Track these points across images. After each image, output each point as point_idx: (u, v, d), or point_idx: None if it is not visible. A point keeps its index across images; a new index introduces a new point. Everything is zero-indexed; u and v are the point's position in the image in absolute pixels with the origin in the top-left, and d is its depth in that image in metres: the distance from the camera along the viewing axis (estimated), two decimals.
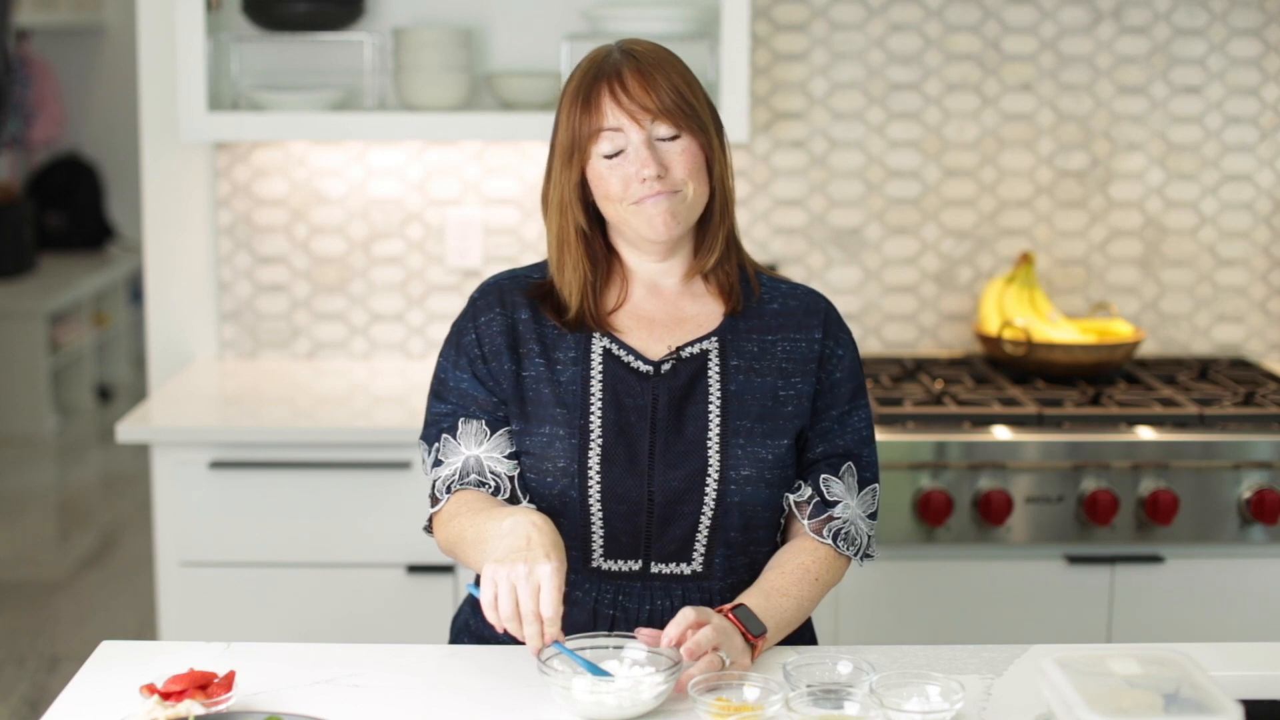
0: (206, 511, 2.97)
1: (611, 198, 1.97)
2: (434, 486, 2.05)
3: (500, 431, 2.02)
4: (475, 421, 2.02)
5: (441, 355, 2.08)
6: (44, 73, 7.23)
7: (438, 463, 2.04)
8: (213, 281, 3.46)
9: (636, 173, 1.95)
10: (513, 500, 2.00)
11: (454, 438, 2.03)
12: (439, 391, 2.07)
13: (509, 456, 2.02)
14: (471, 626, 2.11)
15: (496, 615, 1.78)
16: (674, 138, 1.96)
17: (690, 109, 1.96)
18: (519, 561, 1.76)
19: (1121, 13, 3.41)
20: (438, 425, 2.05)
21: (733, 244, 2.06)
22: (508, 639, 2.04)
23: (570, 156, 1.98)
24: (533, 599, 1.75)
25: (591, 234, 2.03)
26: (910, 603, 2.90)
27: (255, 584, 2.99)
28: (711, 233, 2.03)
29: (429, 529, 2.06)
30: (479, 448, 2.01)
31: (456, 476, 2.02)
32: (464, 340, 2.05)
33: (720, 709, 1.72)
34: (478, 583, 1.98)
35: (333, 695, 1.81)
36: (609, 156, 1.96)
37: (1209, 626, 2.88)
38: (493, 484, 2.00)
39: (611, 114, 1.95)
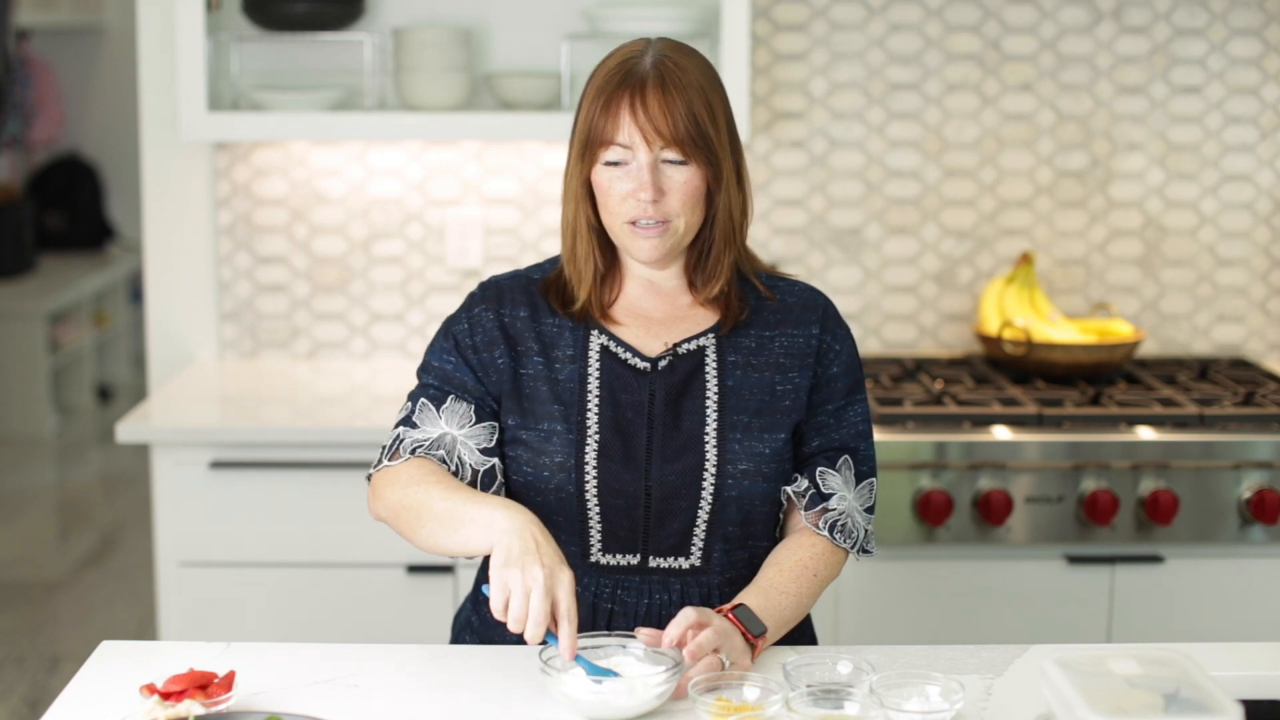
0: (206, 511, 2.97)
1: (608, 209, 1.97)
2: (397, 441, 2.01)
3: (484, 423, 2.01)
4: (464, 405, 2.01)
5: (430, 344, 2.08)
6: (44, 73, 7.23)
7: (411, 424, 2.02)
8: (213, 281, 3.46)
9: (634, 190, 1.94)
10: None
11: (437, 410, 2.02)
12: (425, 369, 2.07)
13: (483, 451, 2.00)
14: (474, 625, 2.11)
15: (506, 616, 1.77)
16: (681, 163, 1.95)
17: (704, 139, 1.94)
18: (534, 566, 1.76)
19: (1121, 13, 3.41)
20: (423, 393, 2.04)
21: (735, 267, 2.05)
22: (512, 637, 2.04)
23: (584, 152, 1.98)
24: (546, 604, 1.75)
25: (600, 227, 2.03)
26: (910, 603, 2.90)
27: (255, 584, 2.99)
28: (714, 260, 2.02)
29: (368, 481, 2.03)
30: (459, 430, 2.00)
31: (427, 445, 2.00)
32: (455, 329, 2.06)
33: (720, 709, 1.72)
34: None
35: (333, 695, 1.81)
36: (613, 164, 1.95)
37: (1209, 626, 2.88)
38: (454, 468, 1.99)
39: (625, 129, 1.93)
